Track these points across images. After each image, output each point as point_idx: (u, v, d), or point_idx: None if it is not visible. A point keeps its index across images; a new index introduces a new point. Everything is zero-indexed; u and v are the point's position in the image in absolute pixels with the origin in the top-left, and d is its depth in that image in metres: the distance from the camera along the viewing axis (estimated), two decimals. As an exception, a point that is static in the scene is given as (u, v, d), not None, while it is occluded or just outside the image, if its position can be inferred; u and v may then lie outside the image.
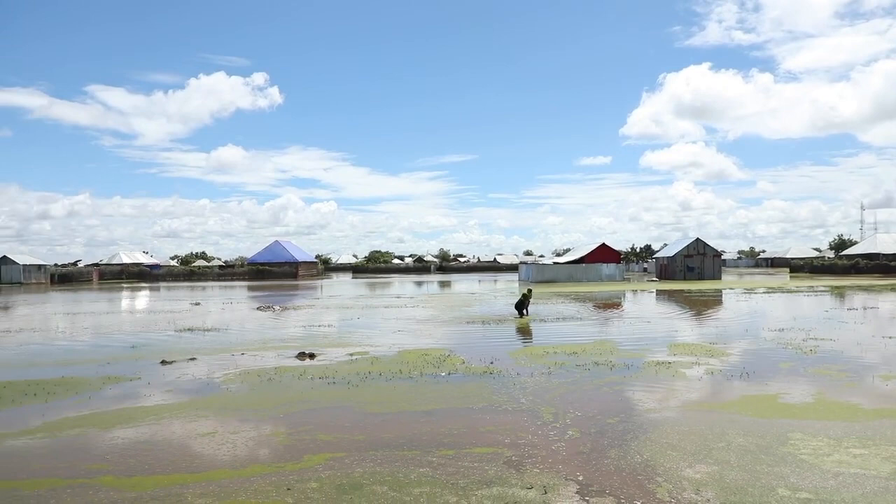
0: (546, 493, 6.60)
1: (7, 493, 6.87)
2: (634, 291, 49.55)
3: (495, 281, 76.84)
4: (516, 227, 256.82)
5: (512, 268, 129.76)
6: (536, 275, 68.84)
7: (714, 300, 38.35)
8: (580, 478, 7.05)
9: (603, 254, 77.31)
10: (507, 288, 55.21)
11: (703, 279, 70.03)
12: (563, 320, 25.76)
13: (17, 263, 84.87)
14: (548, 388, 12.08)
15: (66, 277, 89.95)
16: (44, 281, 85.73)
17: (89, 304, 41.17)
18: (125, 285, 79.54)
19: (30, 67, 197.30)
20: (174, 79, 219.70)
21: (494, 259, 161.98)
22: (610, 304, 35.99)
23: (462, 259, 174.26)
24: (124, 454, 8.32)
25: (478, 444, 8.46)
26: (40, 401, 11.62)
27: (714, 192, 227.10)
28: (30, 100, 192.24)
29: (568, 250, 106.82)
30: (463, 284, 67.82)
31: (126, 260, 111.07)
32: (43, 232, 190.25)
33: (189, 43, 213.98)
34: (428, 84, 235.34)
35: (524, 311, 26.63)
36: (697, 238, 74.05)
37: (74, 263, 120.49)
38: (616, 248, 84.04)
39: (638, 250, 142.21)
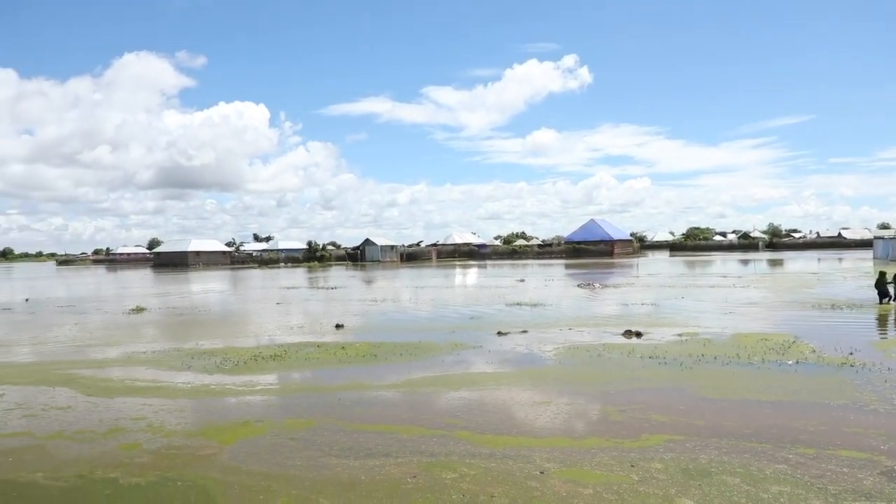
0: (950, 515, 5.43)
1: (389, 437, 8.19)
2: None
3: (840, 259, 65.98)
4: (866, 196, 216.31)
5: (863, 244, 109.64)
6: (901, 252, 57.12)
7: None
8: None
9: None
10: (857, 267, 46.97)
11: None
12: (946, 308, 20.95)
13: (377, 245, 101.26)
14: (934, 388, 9.94)
15: (412, 256, 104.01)
16: (395, 259, 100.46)
17: (430, 279, 46.91)
18: (457, 263, 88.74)
19: (379, 78, 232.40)
20: (492, 72, 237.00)
21: (838, 234, 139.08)
22: None
23: (796, 234, 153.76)
24: (472, 413, 9.26)
25: (843, 446, 7.35)
26: (403, 360, 13.61)
27: None
28: (379, 106, 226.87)
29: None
30: (799, 263, 59.78)
31: (458, 240, 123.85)
32: (392, 217, 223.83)
33: (504, 36, 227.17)
34: (750, 40, 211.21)
35: (889, 295, 22.24)
36: None
37: (418, 244, 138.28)
38: None
39: None
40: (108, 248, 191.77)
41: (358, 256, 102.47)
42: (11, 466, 7.45)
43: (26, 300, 34.71)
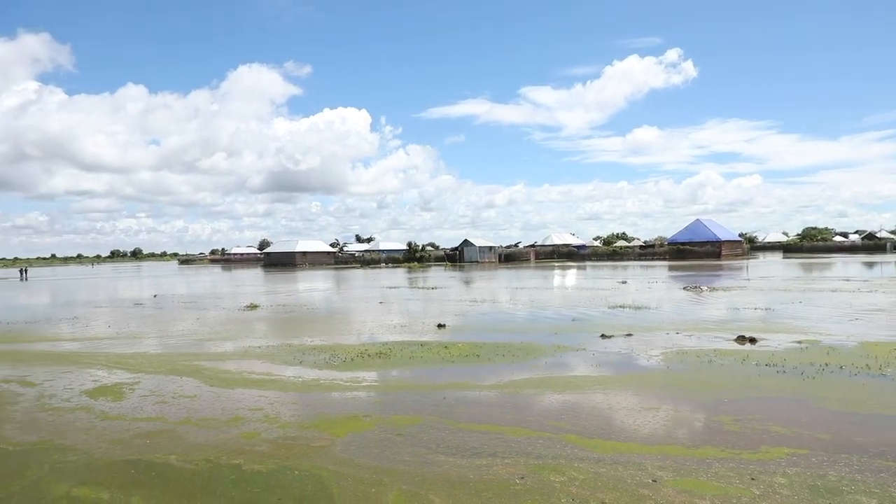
0: None
1: (495, 437, 8.23)
2: None
3: None
4: None
5: None
6: None
7: None
8: None
9: None
10: None
11: None
12: None
13: (475, 245, 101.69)
14: None
15: (510, 257, 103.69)
16: (493, 260, 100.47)
17: (529, 280, 46.58)
18: (556, 264, 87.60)
19: (477, 80, 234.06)
20: (590, 70, 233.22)
21: None
22: None
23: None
24: (578, 416, 9.11)
25: None
26: (506, 361, 13.60)
27: None
28: (477, 108, 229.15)
29: None
30: (938, 266, 54.42)
31: (556, 241, 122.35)
32: (490, 218, 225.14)
33: (603, 32, 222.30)
34: (872, 19, 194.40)
35: None
36: None
37: (516, 245, 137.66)
38: None
39: None
40: (223, 249, 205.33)
41: (456, 257, 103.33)
42: (149, 448, 8.12)
43: (154, 296, 37.64)
